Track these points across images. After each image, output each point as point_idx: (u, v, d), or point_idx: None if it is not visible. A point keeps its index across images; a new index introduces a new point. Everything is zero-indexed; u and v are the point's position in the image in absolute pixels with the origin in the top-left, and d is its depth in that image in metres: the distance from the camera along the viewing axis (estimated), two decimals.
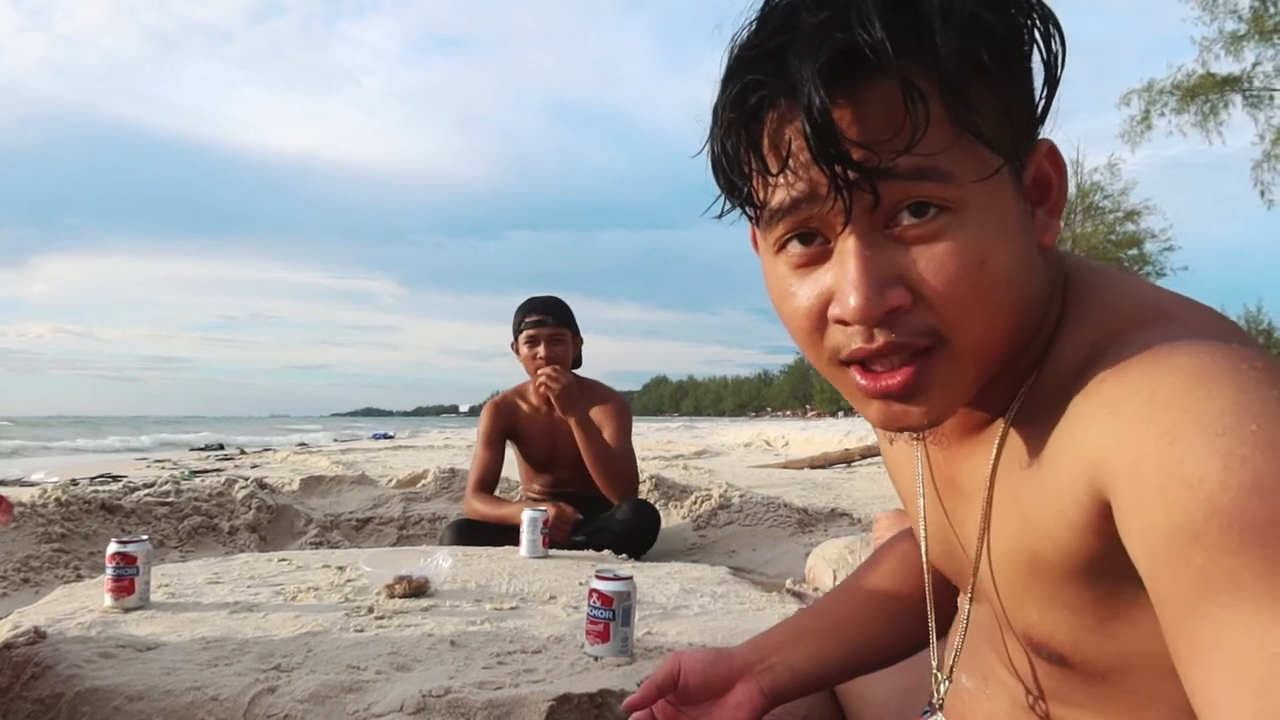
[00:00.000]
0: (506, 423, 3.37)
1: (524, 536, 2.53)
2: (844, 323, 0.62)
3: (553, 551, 2.60)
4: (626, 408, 3.40)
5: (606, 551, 2.77)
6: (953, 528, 0.79)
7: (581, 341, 3.35)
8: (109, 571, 1.76)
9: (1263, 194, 18.55)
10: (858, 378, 0.64)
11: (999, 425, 0.70)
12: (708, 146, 0.66)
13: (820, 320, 0.64)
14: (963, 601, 0.85)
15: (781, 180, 0.62)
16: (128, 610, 1.73)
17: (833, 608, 1.05)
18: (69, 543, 3.25)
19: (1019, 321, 0.64)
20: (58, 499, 3.46)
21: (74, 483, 4.79)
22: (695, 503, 4.28)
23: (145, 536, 1.85)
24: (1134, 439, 0.55)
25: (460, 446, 14.00)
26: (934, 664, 0.87)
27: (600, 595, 1.47)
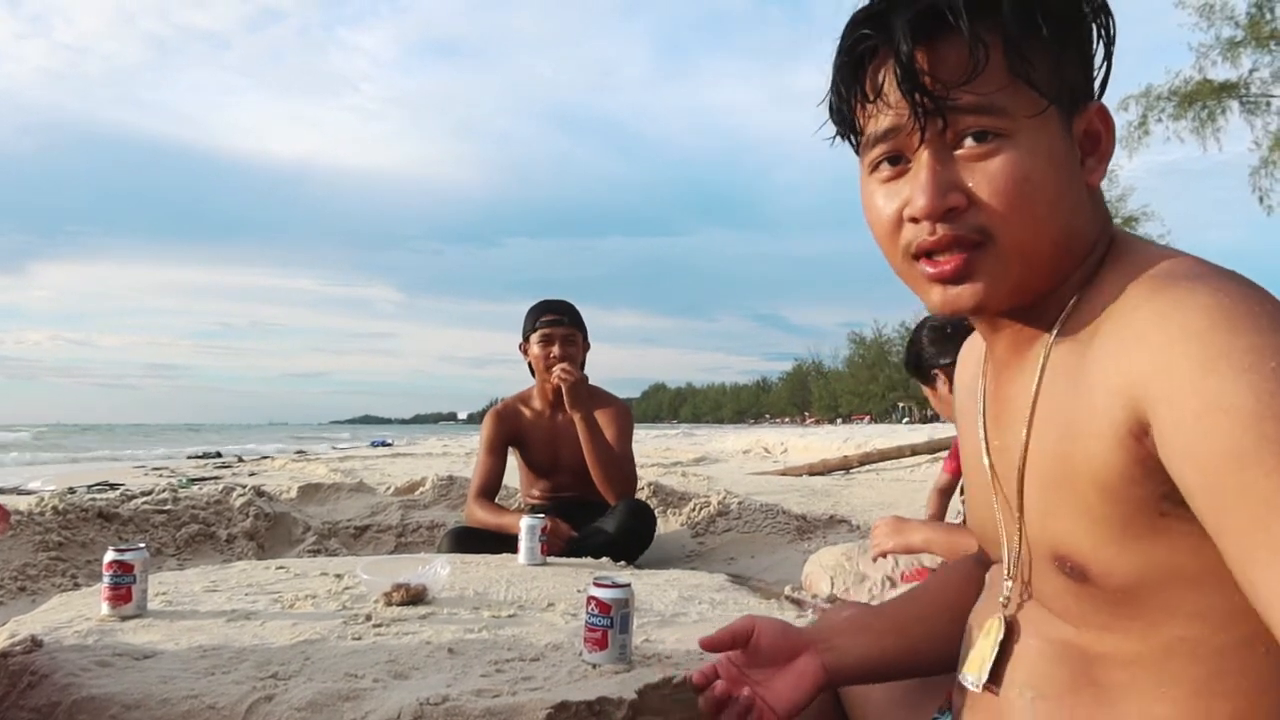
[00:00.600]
0: (509, 429, 3.39)
1: (522, 544, 2.52)
2: (915, 220, 0.77)
3: (551, 559, 2.60)
4: (628, 413, 3.45)
5: (605, 559, 2.76)
6: (993, 453, 0.88)
7: (589, 347, 3.41)
8: (106, 580, 1.75)
9: (1261, 200, 18.59)
10: (925, 266, 0.79)
11: (1045, 344, 0.80)
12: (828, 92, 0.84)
13: (897, 222, 0.80)
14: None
15: (875, 110, 0.79)
16: (125, 619, 1.73)
17: (895, 608, 1.10)
18: (66, 551, 3.25)
19: (1062, 239, 0.77)
20: (55, 507, 3.46)
21: (71, 491, 4.79)
22: (694, 510, 4.27)
23: (142, 545, 1.85)
24: (1169, 369, 0.65)
25: (459, 454, 13.97)
26: (1005, 572, 0.88)
27: (598, 603, 1.46)
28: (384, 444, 23.23)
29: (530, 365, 3.38)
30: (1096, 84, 0.80)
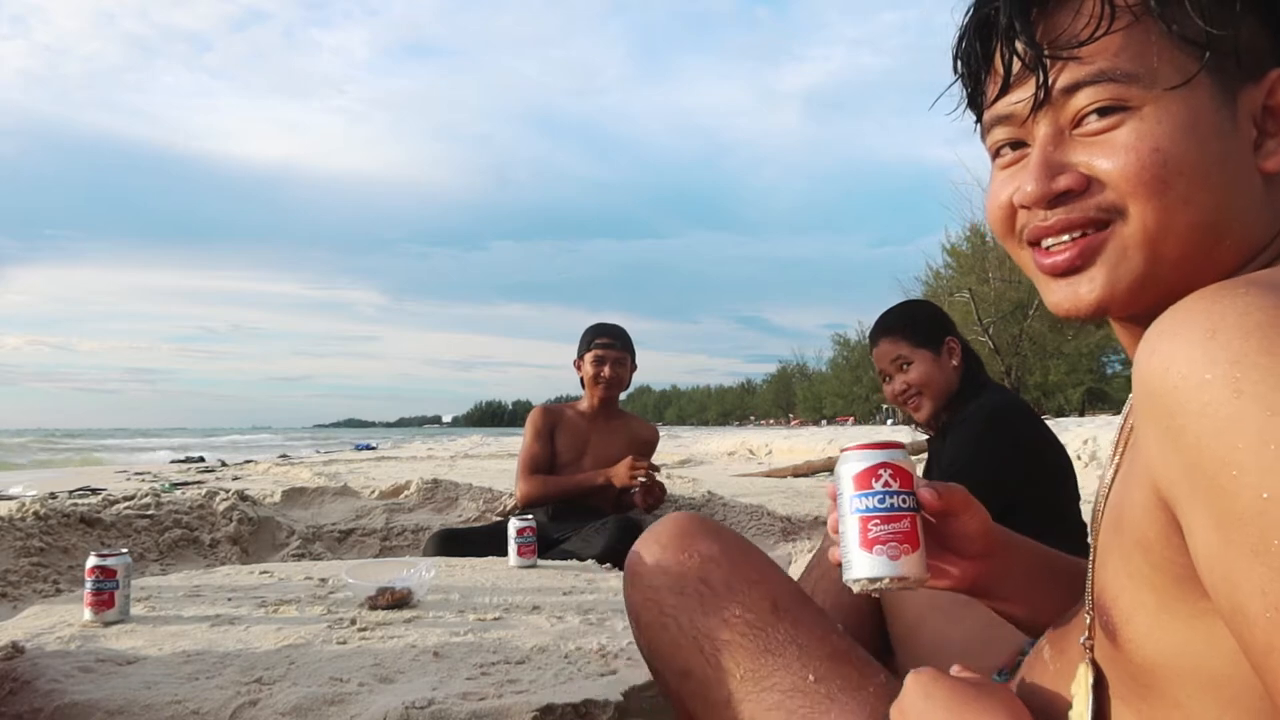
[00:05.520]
0: (551, 421, 3.66)
1: (510, 545, 2.55)
2: (1025, 207, 0.72)
3: (540, 562, 2.60)
4: (654, 440, 3.93)
5: (590, 561, 2.77)
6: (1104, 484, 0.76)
7: (635, 368, 3.78)
8: (88, 585, 1.74)
9: None
10: (1036, 256, 0.72)
11: None
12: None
13: (1010, 208, 0.74)
14: None
15: (993, 93, 0.74)
16: (107, 624, 1.72)
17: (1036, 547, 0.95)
18: (47, 556, 3.22)
19: (1204, 227, 0.65)
20: (36, 512, 3.43)
21: (52, 496, 4.74)
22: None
23: (125, 550, 1.84)
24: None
25: (443, 457, 13.93)
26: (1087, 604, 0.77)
27: (895, 471, 0.82)
28: (368, 447, 23.16)
29: (582, 379, 3.73)
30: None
